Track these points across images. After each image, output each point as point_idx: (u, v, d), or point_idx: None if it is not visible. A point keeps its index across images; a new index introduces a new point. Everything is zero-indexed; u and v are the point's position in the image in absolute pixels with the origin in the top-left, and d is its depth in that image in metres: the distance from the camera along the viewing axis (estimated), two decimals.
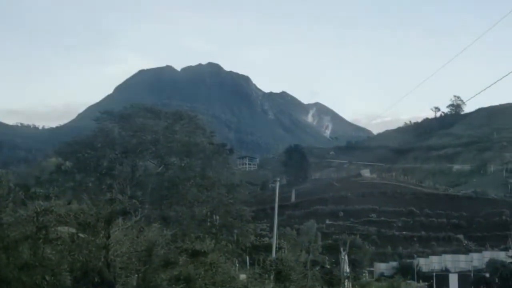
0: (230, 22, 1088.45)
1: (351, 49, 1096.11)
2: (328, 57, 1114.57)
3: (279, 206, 72.55)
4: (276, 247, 63.04)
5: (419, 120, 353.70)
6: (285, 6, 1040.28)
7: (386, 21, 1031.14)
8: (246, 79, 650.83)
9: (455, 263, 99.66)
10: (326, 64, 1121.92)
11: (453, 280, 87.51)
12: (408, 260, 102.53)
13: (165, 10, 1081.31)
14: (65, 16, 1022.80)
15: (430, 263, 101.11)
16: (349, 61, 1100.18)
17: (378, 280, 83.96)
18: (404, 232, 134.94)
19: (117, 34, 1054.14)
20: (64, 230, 19.15)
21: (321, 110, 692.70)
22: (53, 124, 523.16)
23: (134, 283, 20.12)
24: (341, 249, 47.88)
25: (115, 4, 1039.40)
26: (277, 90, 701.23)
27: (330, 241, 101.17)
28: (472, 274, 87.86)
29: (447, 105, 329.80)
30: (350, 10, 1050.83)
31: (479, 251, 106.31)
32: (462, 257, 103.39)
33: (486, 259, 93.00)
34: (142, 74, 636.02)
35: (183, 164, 68.26)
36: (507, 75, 25.13)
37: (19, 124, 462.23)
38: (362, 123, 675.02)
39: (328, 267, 71.96)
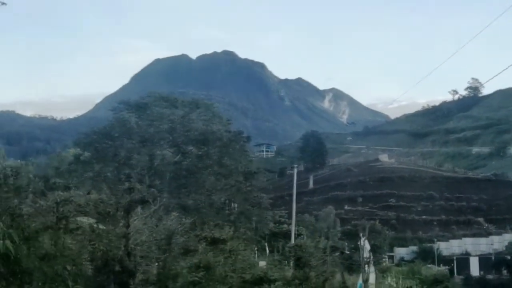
0: (244, 9, 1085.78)
1: (367, 33, 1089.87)
2: (343, 42, 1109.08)
3: (297, 193, 72.55)
4: (295, 234, 63.11)
5: (437, 103, 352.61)
6: None
7: (402, 4, 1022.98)
8: (261, 66, 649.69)
9: (475, 246, 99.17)
10: (341, 49, 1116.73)
11: (474, 263, 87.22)
12: (428, 244, 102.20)
13: None
14: (80, 6, 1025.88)
15: (450, 246, 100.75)
16: (365, 45, 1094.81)
17: (398, 265, 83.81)
18: (424, 216, 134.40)
19: (133, 24, 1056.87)
20: (84, 220, 19.25)
21: (338, 95, 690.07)
22: (71, 115, 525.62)
23: (155, 271, 20.22)
24: (360, 235, 47.78)
25: None
26: (292, 76, 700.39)
27: (349, 227, 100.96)
28: (493, 257, 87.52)
29: (465, 87, 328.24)
30: None
31: (500, 234, 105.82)
32: (482, 240, 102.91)
33: (507, 242, 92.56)
34: (157, 63, 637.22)
35: (200, 153, 68.29)
36: None
37: (37, 116, 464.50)
38: (379, 108, 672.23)
39: (348, 252, 72.02)
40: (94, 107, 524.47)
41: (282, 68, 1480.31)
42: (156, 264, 20.36)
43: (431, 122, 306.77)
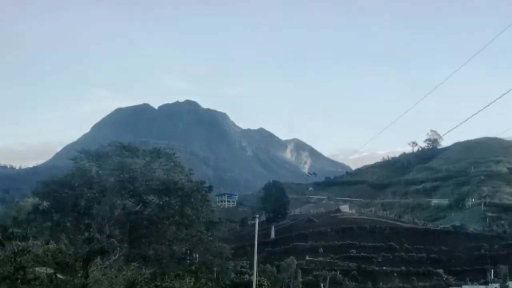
0: (207, 59, 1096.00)
1: (328, 84, 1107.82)
2: (305, 93, 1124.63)
3: (259, 243, 72.31)
4: (256, 284, 62.70)
5: (397, 154, 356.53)
6: (260, 43, 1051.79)
7: (361, 57, 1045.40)
8: (223, 116, 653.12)
9: None
10: (303, 100, 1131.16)
11: None
12: None
13: (141, 49, 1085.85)
14: (41, 55, 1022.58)
15: None
16: (326, 97, 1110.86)
17: None
18: (384, 267, 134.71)
19: (94, 73, 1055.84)
20: (42, 270, 18.98)
21: (299, 146, 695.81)
22: (30, 164, 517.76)
23: None
24: (322, 285, 47.73)
25: (90, 43, 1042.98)
26: (254, 126, 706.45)
27: (310, 277, 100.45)
28: None
29: (424, 139, 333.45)
30: (324, 46, 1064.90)
31: (459, 285, 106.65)
32: None
33: None
34: (119, 112, 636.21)
35: (161, 202, 67.90)
36: (482, 109, 25.69)
37: None
38: (340, 159, 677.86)
39: None
40: (54, 156, 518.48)
41: (244, 118, 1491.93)
42: None
43: (391, 173, 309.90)
